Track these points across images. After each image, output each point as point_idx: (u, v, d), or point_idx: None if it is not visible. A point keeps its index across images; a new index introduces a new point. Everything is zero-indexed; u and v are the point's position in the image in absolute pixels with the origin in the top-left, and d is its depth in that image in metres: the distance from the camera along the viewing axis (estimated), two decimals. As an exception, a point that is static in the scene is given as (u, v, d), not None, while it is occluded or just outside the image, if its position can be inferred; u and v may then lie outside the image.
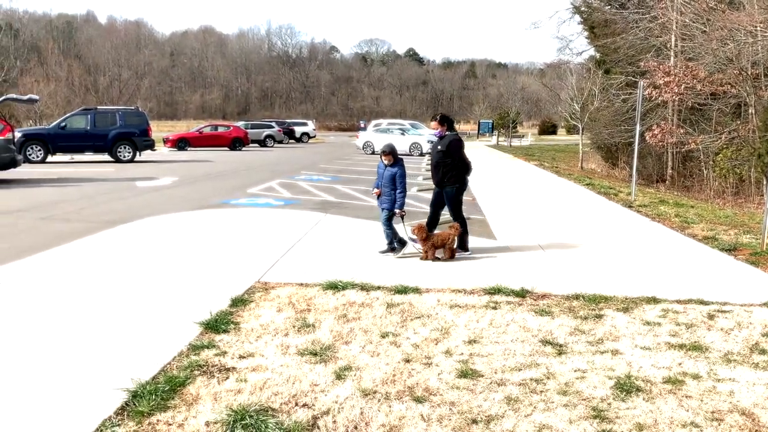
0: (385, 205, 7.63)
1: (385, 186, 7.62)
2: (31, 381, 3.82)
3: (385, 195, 7.63)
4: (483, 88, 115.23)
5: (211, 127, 38.21)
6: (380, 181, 7.72)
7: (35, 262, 7.03)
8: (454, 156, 7.72)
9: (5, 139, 15.67)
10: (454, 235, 7.40)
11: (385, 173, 7.63)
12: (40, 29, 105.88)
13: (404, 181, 7.59)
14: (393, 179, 7.54)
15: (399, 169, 7.57)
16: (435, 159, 7.90)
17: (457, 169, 7.75)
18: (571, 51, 34.87)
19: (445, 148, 7.73)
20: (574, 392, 3.80)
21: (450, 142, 7.74)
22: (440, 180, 7.82)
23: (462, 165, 7.79)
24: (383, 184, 7.64)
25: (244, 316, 5.17)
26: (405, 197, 7.61)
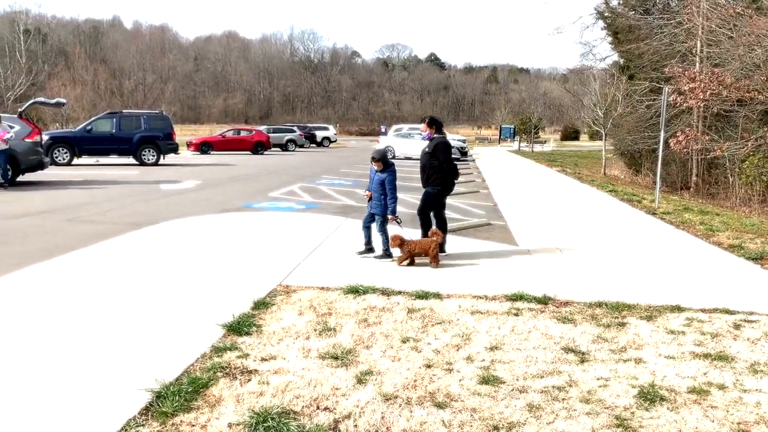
0: (375, 210, 7.66)
1: (374, 191, 7.65)
2: (58, 380, 3.88)
3: (375, 200, 7.66)
4: (505, 93, 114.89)
5: (234, 131, 38.54)
6: (372, 185, 7.76)
7: (62, 263, 7.14)
8: (440, 159, 7.78)
9: (33, 142, 15.95)
10: (436, 242, 7.33)
11: (375, 178, 7.66)
12: (67, 34, 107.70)
13: (393, 186, 7.59)
14: (382, 185, 7.56)
15: (388, 175, 7.57)
16: (422, 161, 8.00)
17: (442, 172, 7.82)
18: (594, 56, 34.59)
19: (432, 150, 7.82)
20: (597, 400, 3.77)
21: (437, 144, 7.83)
22: (425, 182, 7.93)
23: (449, 168, 7.85)
24: (373, 189, 7.68)
25: (266, 318, 5.21)
26: (396, 202, 7.62)
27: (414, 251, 7.29)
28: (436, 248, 7.26)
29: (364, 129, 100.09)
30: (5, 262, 7.22)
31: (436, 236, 7.40)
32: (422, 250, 7.28)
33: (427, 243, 7.33)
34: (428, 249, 7.25)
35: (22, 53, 79.27)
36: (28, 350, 4.38)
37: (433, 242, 7.30)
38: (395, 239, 7.29)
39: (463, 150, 34.28)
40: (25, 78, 64.34)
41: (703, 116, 22.64)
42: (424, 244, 7.32)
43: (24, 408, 3.50)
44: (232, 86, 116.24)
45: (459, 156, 33.07)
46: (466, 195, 16.03)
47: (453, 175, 7.93)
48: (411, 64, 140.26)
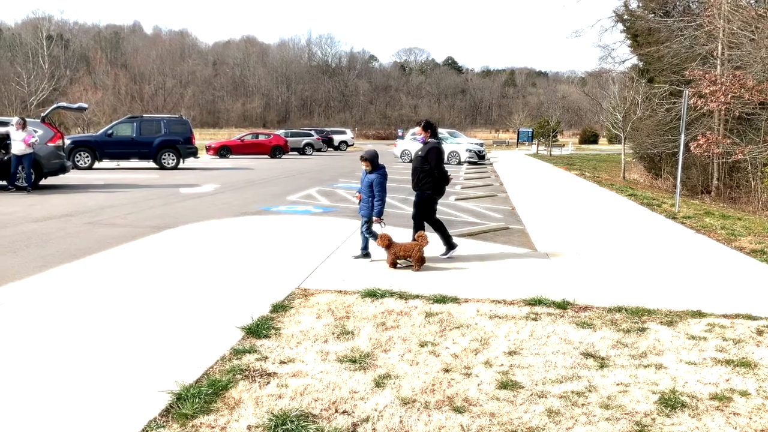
0: (362, 211, 7.67)
1: (363, 192, 7.66)
2: (81, 380, 3.93)
3: (363, 201, 7.66)
4: (522, 96, 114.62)
5: (252, 136, 38.81)
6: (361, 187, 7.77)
7: (84, 266, 7.24)
8: (432, 163, 7.81)
9: (55, 146, 16.19)
10: (419, 246, 7.33)
11: (365, 179, 7.67)
12: (89, 39, 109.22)
13: (382, 188, 7.59)
14: (371, 186, 7.56)
15: (377, 177, 7.57)
16: (414, 164, 8.03)
17: (433, 176, 7.84)
18: (613, 60, 34.30)
19: (425, 155, 7.86)
20: (617, 406, 3.74)
21: (429, 149, 7.86)
22: (415, 185, 7.97)
23: (440, 174, 7.87)
24: (362, 190, 7.69)
25: (285, 321, 5.23)
26: (383, 204, 7.62)
27: (398, 254, 7.31)
28: (419, 252, 7.28)
29: (381, 133, 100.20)
30: (30, 265, 7.34)
31: (421, 239, 7.40)
32: (406, 253, 7.31)
33: (410, 246, 7.34)
34: (410, 252, 7.28)
35: (44, 59, 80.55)
36: (52, 351, 4.45)
37: (417, 245, 7.32)
38: (384, 239, 7.30)
39: (480, 153, 34.17)
40: (48, 83, 65.36)
41: (724, 119, 22.39)
42: (408, 247, 7.34)
43: (47, 408, 3.55)
44: (250, 91, 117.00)
45: (477, 159, 32.99)
46: (483, 199, 15.99)
47: (444, 180, 7.96)
48: (428, 68, 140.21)
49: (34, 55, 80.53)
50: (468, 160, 32.34)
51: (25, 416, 3.45)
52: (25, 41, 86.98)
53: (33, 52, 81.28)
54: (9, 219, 10.81)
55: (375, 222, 7.59)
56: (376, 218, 7.56)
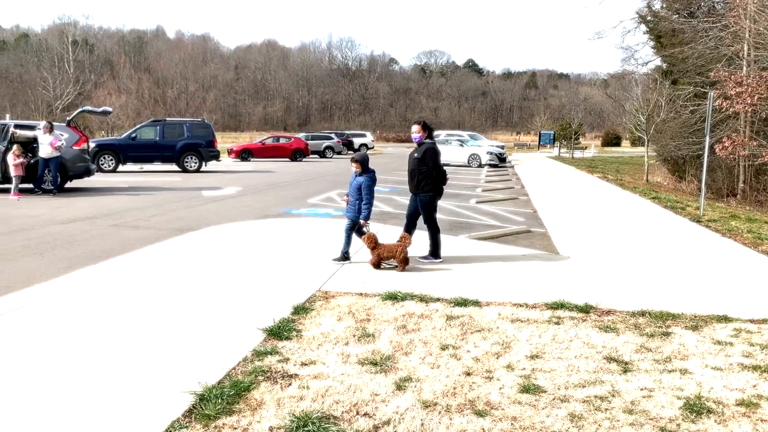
0: (349, 214, 7.66)
1: (351, 195, 7.65)
2: (105, 380, 3.98)
3: (351, 204, 7.65)
4: (544, 98, 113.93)
5: (273, 139, 39.08)
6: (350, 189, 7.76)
7: (109, 267, 7.34)
8: (429, 164, 7.80)
9: (80, 149, 16.44)
10: (403, 246, 7.32)
11: (353, 182, 7.66)
12: (113, 44, 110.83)
13: (370, 192, 7.57)
14: (359, 189, 7.53)
15: (366, 180, 7.55)
16: (411, 166, 8.00)
17: (431, 177, 7.83)
18: (636, 61, 33.89)
19: (421, 156, 7.84)
20: (641, 411, 3.69)
21: (426, 150, 7.85)
22: (415, 187, 7.94)
23: (438, 174, 7.87)
24: (350, 193, 7.68)
25: (306, 323, 5.25)
26: (371, 208, 7.61)
27: (383, 254, 7.33)
28: (402, 252, 7.28)
29: (401, 136, 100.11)
30: (56, 266, 7.46)
31: (405, 240, 7.40)
32: (390, 254, 7.32)
33: (394, 247, 7.35)
34: (394, 252, 7.29)
35: (70, 63, 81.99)
36: (78, 352, 4.51)
37: (401, 246, 7.32)
38: (370, 239, 7.30)
39: (501, 156, 34.03)
40: (73, 87, 66.53)
41: (750, 121, 22.02)
42: (391, 248, 7.34)
43: (73, 407, 3.60)
44: (271, 94, 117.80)
45: (497, 162, 32.85)
46: (504, 202, 15.91)
47: (442, 180, 7.98)
48: (449, 71, 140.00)
49: (59, 60, 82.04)
50: (489, 163, 32.21)
51: (51, 415, 3.51)
52: (51, 46, 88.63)
53: (59, 57, 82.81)
54: (35, 221, 10.99)
55: (362, 225, 7.58)
56: (362, 221, 7.55)
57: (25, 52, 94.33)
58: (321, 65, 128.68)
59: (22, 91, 71.28)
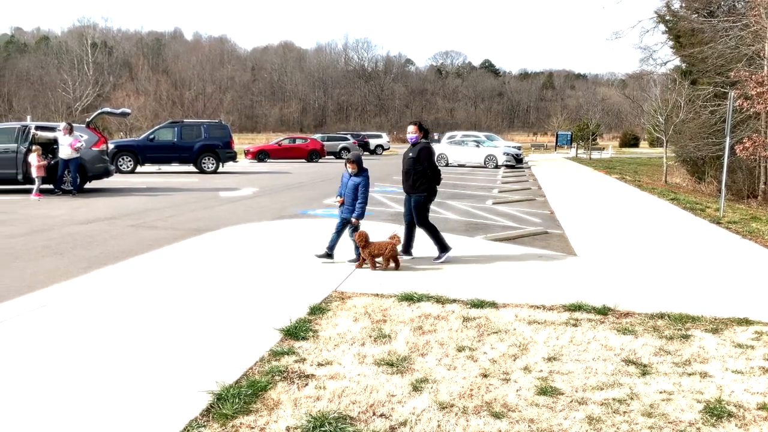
0: (346, 214, 7.64)
1: (348, 196, 7.63)
2: (124, 379, 4.02)
3: (347, 204, 7.62)
4: (561, 99, 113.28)
5: (289, 140, 39.27)
6: (343, 190, 7.72)
7: (127, 267, 7.41)
8: (425, 164, 7.83)
9: (100, 150, 16.63)
10: (393, 245, 7.34)
11: (349, 183, 7.63)
12: (131, 46, 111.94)
13: (366, 191, 7.58)
14: (356, 189, 7.53)
15: (363, 180, 7.57)
16: (406, 166, 8.02)
17: (427, 177, 7.86)
18: (654, 61, 33.55)
19: (416, 156, 7.86)
20: (660, 414, 3.65)
21: (421, 149, 7.88)
22: (410, 187, 7.95)
23: (433, 174, 7.90)
24: (346, 194, 7.65)
25: (322, 324, 5.26)
26: (365, 208, 7.62)
27: (374, 253, 7.34)
28: (391, 251, 7.33)
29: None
30: (76, 266, 7.55)
31: (395, 240, 7.43)
32: (379, 252, 7.34)
33: (383, 245, 7.36)
34: (383, 251, 7.32)
35: (89, 65, 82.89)
36: (97, 351, 4.56)
37: (390, 245, 7.35)
38: (361, 238, 7.30)
39: (518, 157, 33.87)
40: (92, 89, 67.25)
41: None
42: (381, 246, 7.35)
43: (92, 406, 3.64)
44: (287, 95, 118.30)
45: (514, 163, 32.70)
46: (521, 203, 15.84)
47: (436, 180, 8.01)
48: (465, 71, 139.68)
49: (79, 62, 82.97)
50: (505, 164, 32.08)
51: (71, 413, 3.55)
52: (71, 49, 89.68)
53: (78, 59, 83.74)
54: (55, 221, 11.13)
55: (353, 224, 7.57)
56: (354, 220, 7.54)
57: (45, 55, 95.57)
58: (337, 66, 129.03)
59: (43, 93, 72.24)
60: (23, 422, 3.43)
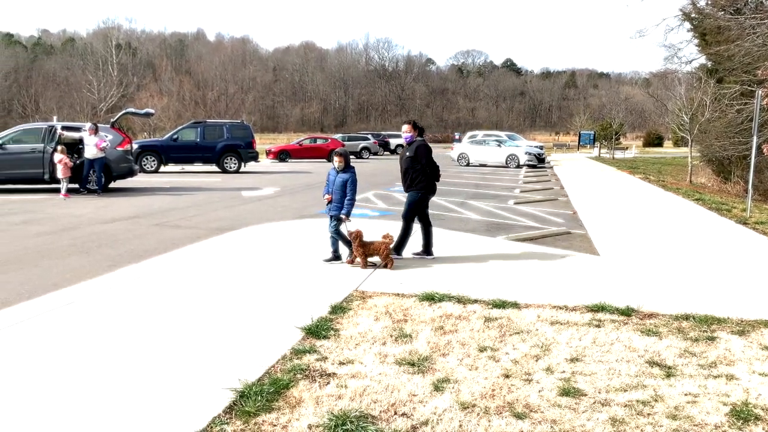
0: (335, 211, 7.57)
1: (336, 193, 7.56)
2: (148, 376, 4.07)
3: (335, 202, 7.56)
4: (584, 98, 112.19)
5: (310, 140, 39.43)
6: (330, 188, 7.65)
7: (151, 266, 7.50)
8: (422, 161, 7.85)
9: (124, 150, 16.84)
10: (387, 244, 7.36)
11: (337, 180, 7.57)
12: (155, 47, 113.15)
13: (354, 188, 7.54)
14: (344, 186, 7.48)
15: (351, 176, 7.53)
16: (404, 165, 8.03)
17: (425, 174, 7.89)
18: (679, 59, 33.04)
19: (413, 154, 7.88)
20: (685, 417, 3.61)
21: (417, 147, 7.91)
22: (409, 185, 7.98)
23: (431, 171, 7.93)
24: (334, 191, 7.57)
25: (343, 323, 5.28)
26: (353, 204, 7.57)
27: (367, 252, 7.34)
28: (386, 250, 7.35)
29: (437, 136, 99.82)
30: (100, 264, 7.66)
31: (388, 239, 7.43)
32: (375, 252, 7.36)
33: (378, 245, 7.37)
34: (379, 250, 7.34)
35: (113, 66, 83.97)
36: (121, 348, 4.62)
37: (384, 244, 7.36)
38: (356, 237, 7.29)
39: (540, 156, 33.62)
40: (116, 90, 68.10)
41: (800, 120, 21.28)
42: (376, 246, 7.37)
43: (115, 401, 3.69)
44: (308, 96, 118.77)
45: (536, 162, 32.48)
46: (543, 203, 15.73)
47: (435, 177, 8.02)
48: (486, 70, 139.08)
49: (104, 63, 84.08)
50: (527, 164, 31.88)
51: (96, 408, 3.60)
52: (96, 50, 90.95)
53: (103, 61, 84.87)
54: (81, 220, 11.30)
55: (344, 220, 7.52)
56: (344, 216, 7.49)
57: (71, 56, 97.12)
58: (358, 66, 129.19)
59: (68, 94, 73.29)
60: (48, 416, 3.49)
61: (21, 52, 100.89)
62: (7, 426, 3.40)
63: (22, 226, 10.64)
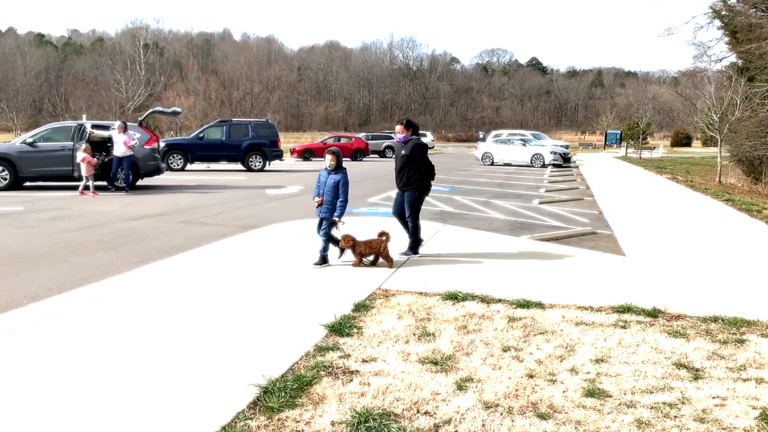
0: (326, 214, 7.38)
1: (327, 194, 7.35)
2: (173, 371, 4.12)
3: (327, 204, 7.35)
4: (610, 97, 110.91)
5: (334, 139, 39.54)
6: (321, 189, 7.44)
7: (177, 263, 7.59)
8: (418, 160, 7.81)
9: (151, 149, 17.06)
10: (385, 242, 7.28)
11: (328, 181, 7.37)
12: (182, 47, 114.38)
13: (347, 189, 7.38)
14: (336, 187, 7.32)
15: (343, 177, 7.36)
16: (399, 164, 7.97)
17: (421, 173, 7.85)
18: (708, 58, 32.46)
19: (409, 152, 7.83)
20: (713, 420, 3.55)
21: (413, 146, 7.86)
22: (405, 184, 7.92)
23: (427, 169, 7.88)
24: (326, 192, 7.36)
25: (366, 321, 5.29)
26: (346, 206, 7.41)
27: (364, 252, 7.28)
28: (386, 248, 7.29)
29: (461, 135, 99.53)
30: (128, 260, 7.77)
31: (385, 237, 7.36)
32: (372, 251, 7.29)
33: (377, 243, 7.30)
34: (379, 249, 7.28)
35: (141, 66, 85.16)
36: (147, 343, 4.69)
37: (383, 242, 7.29)
38: (348, 240, 7.22)
39: (566, 156, 33.31)
40: (144, 89, 69.01)
41: (834, 120, 20.79)
42: (374, 245, 7.29)
43: (141, 395, 3.74)
44: (333, 95, 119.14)
45: (561, 162, 32.18)
46: (568, 202, 15.58)
47: (430, 175, 7.98)
48: (511, 69, 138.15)
49: (132, 63, 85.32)
50: (552, 163, 31.61)
51: (122, 402, 3.65)
52: (124, 50, 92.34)
53: (131, 60, 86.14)
54: (108, 217, 11.48)
55: (338, 223, 7.37)
56: (337, 219, 7.32)
57: (100, 56, 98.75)
58: (382, 65, 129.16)
59: (97, 93, 74.42)
60: (74, 408, 3.56)
61: (51, 52, 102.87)
62: (37, 415, 3.46)
63: (51, 222, 10.84)
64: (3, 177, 15.91)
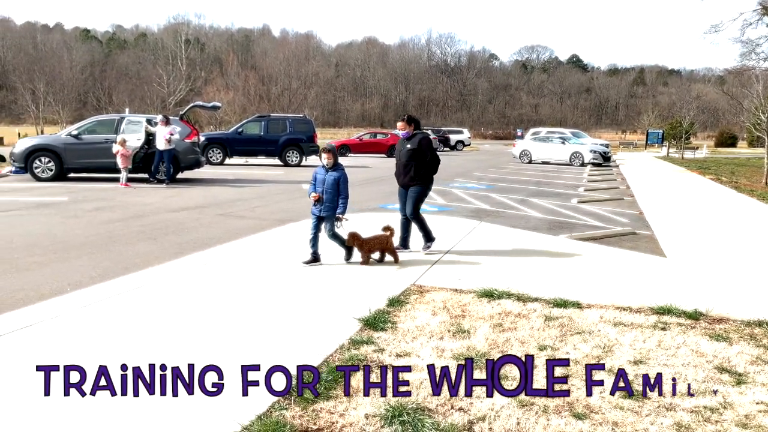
0: (328, 213, 7.17)
1: (327, 192, 7.13)
2: (208, 361, 4.18)
3: (327, 202, 7.14)
4: (652, 96, 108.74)
5: (370, 135, 39.59)
6: (317, 186, 7.23)
7: (215, 254, 7.71)
8: (427, 153, 7.74)
9: (191, 143, 17.36)
10: (390, 237, 7.21)
11: (327, 178, 7.17)
12: (222, 43, 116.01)
13: (347, 186, 7.24)
14: (336, 184, 7.15)
15: (342, 174, 7.20)
16: (403, 159, 7.84)
17: (427, 167, 7.77)
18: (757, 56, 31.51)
19: (417, 146, 7.73)
20: (756, 426, 3.45)
21: (421, 139, 7.79)
22: (410, 179, 7.83)
23: (432, 163, 7.81)
24: (325, 190, 7.14)
25: (401, 316, 5.29)
26: (347, 203, 7.22)
27: (373, 248, 7.21)
28: (391, 243, 7.24)
29: (498, 133, 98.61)
30: (168, 251, 7.93)
31: (390, 231, 7.31)
32: (379, 246, 7.23)
33: (383, 238, 7.23)
34: (385, 244, 7.22)
35: (182, 61, 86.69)
36: (184, 331, 4.77)
37: (388, 237, 7.24)
38: (353, 238, 7.15)
39: (605, 155, 32.73)
40: (185, 84, 70.22)
41: None
42: (381, 240, 7.22)
43: (175, 396, 3.81)
44: (369, 91, 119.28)
45: (601, 161, 31.66)
46: (608, 202, 15.32)
47: (434, 169, 7.93)
48: (551, 66, 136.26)
49: (173, 58, 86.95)
50: (592, 162, 31.11)
51: (166, 396, 3.73)
52: (166, 45, 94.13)
53: (172, 55, 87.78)
54: (149, 209, 11.72)
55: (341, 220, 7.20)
56: (340, 215, 7.16)
57: (143, 51, 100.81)
58: (419, 62, 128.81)
59: (140, 87, 75.99)
60: (123, 399, 3.64)
61: (96, 47, 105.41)
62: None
63: (94, 212, 11.12)
64: (49, 168, 16.39)
